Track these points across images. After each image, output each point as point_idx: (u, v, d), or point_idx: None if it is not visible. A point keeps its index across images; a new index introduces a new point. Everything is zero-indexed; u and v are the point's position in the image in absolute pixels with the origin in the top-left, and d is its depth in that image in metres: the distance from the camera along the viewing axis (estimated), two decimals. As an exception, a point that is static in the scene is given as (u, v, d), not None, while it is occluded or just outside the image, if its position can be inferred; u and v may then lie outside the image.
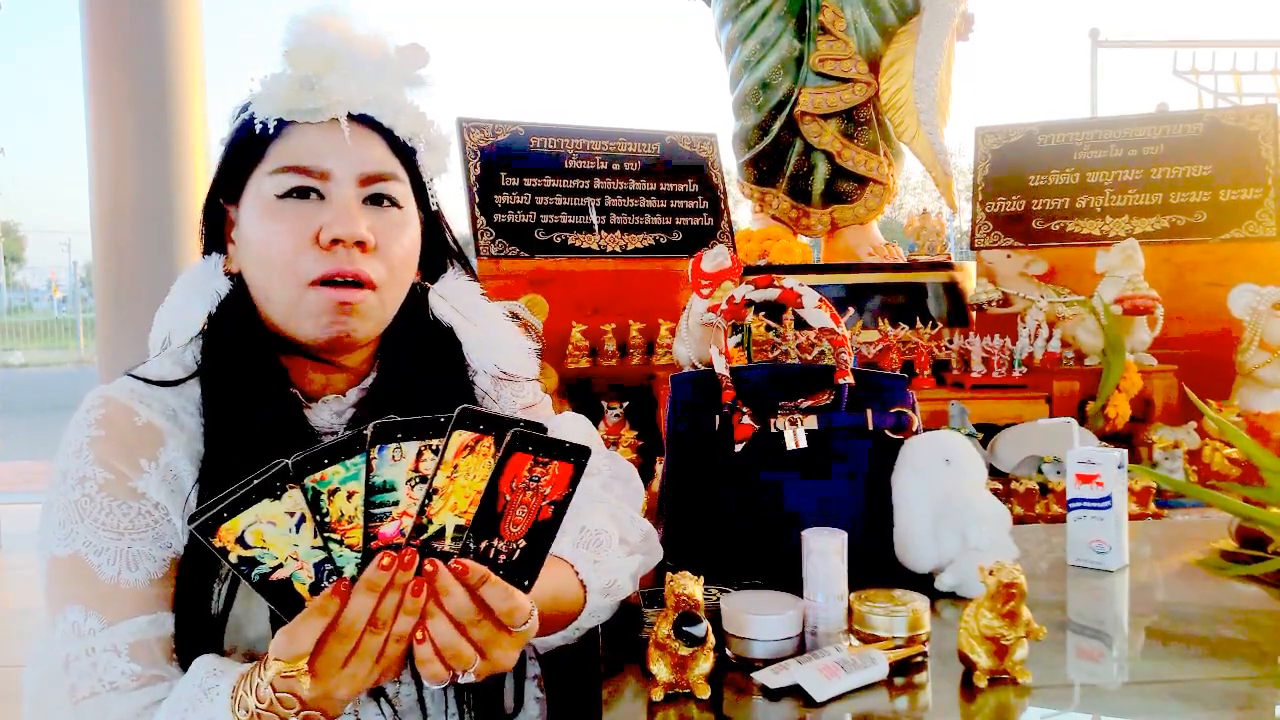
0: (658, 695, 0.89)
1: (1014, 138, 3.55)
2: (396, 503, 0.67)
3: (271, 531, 0.66)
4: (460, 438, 0.67)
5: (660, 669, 0.89)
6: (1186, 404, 2.50)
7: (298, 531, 0.67)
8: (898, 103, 3.51)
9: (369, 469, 0.66)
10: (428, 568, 0.68)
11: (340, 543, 0.67)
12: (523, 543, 0.70)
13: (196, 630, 0.81)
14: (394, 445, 0.67)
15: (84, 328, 18.42)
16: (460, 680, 0.71)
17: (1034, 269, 3.30)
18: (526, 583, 0.72)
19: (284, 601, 0.69)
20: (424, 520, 0.68)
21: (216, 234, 0.94)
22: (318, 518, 0.66)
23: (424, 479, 0.67)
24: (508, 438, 0.67)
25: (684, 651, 0.87)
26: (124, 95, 3.96)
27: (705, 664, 0.89)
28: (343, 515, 0.67)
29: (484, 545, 0.69)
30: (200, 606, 0.81)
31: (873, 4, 3.55)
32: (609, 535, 0.95)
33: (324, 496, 0.66)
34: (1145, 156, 3.35)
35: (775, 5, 3.59)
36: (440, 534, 0.68)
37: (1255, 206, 3.16)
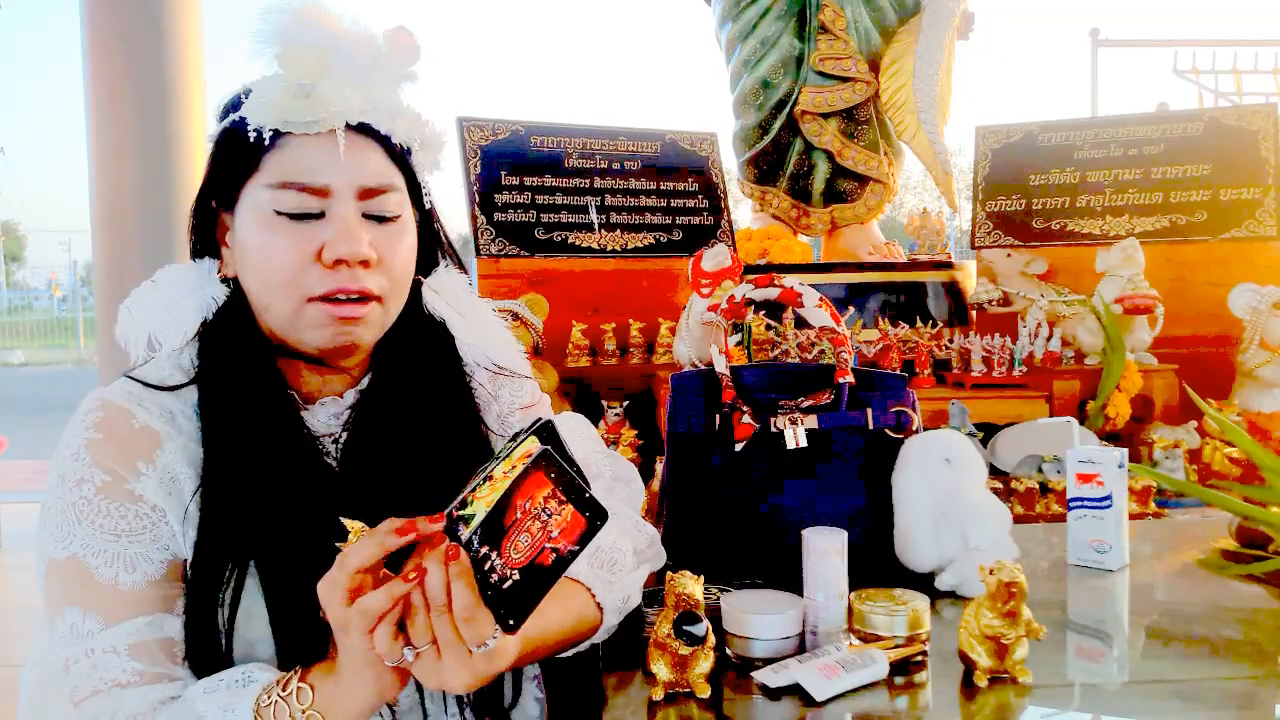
0: (658, 694, 0.89)
1: (1014, 137, 3.54)
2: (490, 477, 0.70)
3: (487, 491, 0.70)
4: (531, 444, 0.69)
5: (660, 668, 0.89)
6: (1187, 403, 2.51)
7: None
8: (898, 102, 3.51)
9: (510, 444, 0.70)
10: (431, 530, 0.69)
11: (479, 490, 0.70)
12: (516, 575, 0.68)
13: (204, 637, 0.81)
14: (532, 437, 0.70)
15: (84, 327, 18.42)
16: (401, 661, 0.70)
17: (1034, 268, 3.30)
18: (511, 621, 0.69)
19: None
20: (467, 498, 0.69)
21: (207, 237, 0.92)
22: (492, 464, 0.70)
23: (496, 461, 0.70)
24: (536, 454, 0.67)
25: (684, 651, 0.87)
26: (124, 95, 3.96)
27: (705, 663, 0.89)
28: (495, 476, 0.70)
29: (483, 552, 0.68)
30: (209, 617, 0.81)
31: (873, 3, 3.55)
32: (623, 553, 0.95)
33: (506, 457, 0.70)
34: (1145, 156, 3.35)
35: (776, 4, 3.59)
36: (468, 520, 0.68)
37: (1255, 206, 3.16)
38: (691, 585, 0.88)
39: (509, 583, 0.68)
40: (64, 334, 20.05)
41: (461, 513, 0.69)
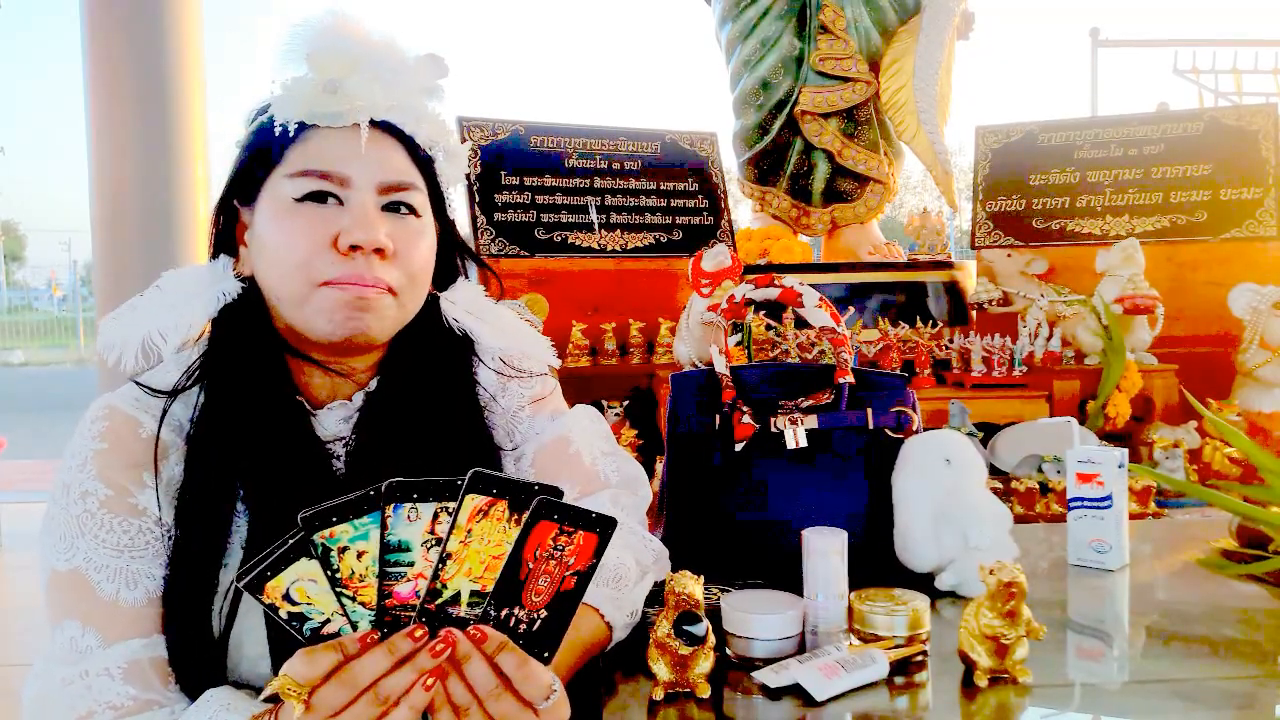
0: (658, 694, 0.89)
1: (1014, 137, 3.55)
2: (412, 563, 0.66)
3: (314, 588, 0.65)
4: (473, 502, 0.66)
5: (660, 668, 0.89)
6: (1187, 403, 2.51)
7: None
8: (898, 102, 3.51)
9: (384, 527, 0.65)
10: (441, 641, 0.65)
11: (353, 599, 0.66)
12: (544, 613, 0.68)
13: (198, 650, 0.80)
14: (409, 505, 0.65)
15: (84, 327, 18.44)
16: None
17: (1034, 268, 3.30)
18: (546, 654, 0.69)
19: None
20: (438, 585, 0.67)
21: (227, 237, 0.92)
22: (329, 573, 0.65)
23: (439, 541, 0.66)
24: (533, 506, 0.66)
25: (684, 651, 0.87)
26: (124, 95, 3.96)
27: (705, 663, 0.89)
28: (354, 573, 0.65)
29: (505, 613, 0.68)
30: (201, 626, 0.80)
31: (873, 3, 3.56)
32: (627, 567, 0.95)
33: (333, 553, 0.65)
34: (1145, 156, 3.36)
35: (776, 4, 3.60)
36: (455, 599, 0.67)
37: (1255, 206, 3.17)
38: (691, 585, 0.88)
39: (538, 623, 0.68)
40: (64, 334, 20.05)
41: (440, 600, 0.67)
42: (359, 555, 0.65)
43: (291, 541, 0.64)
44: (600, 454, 1.04)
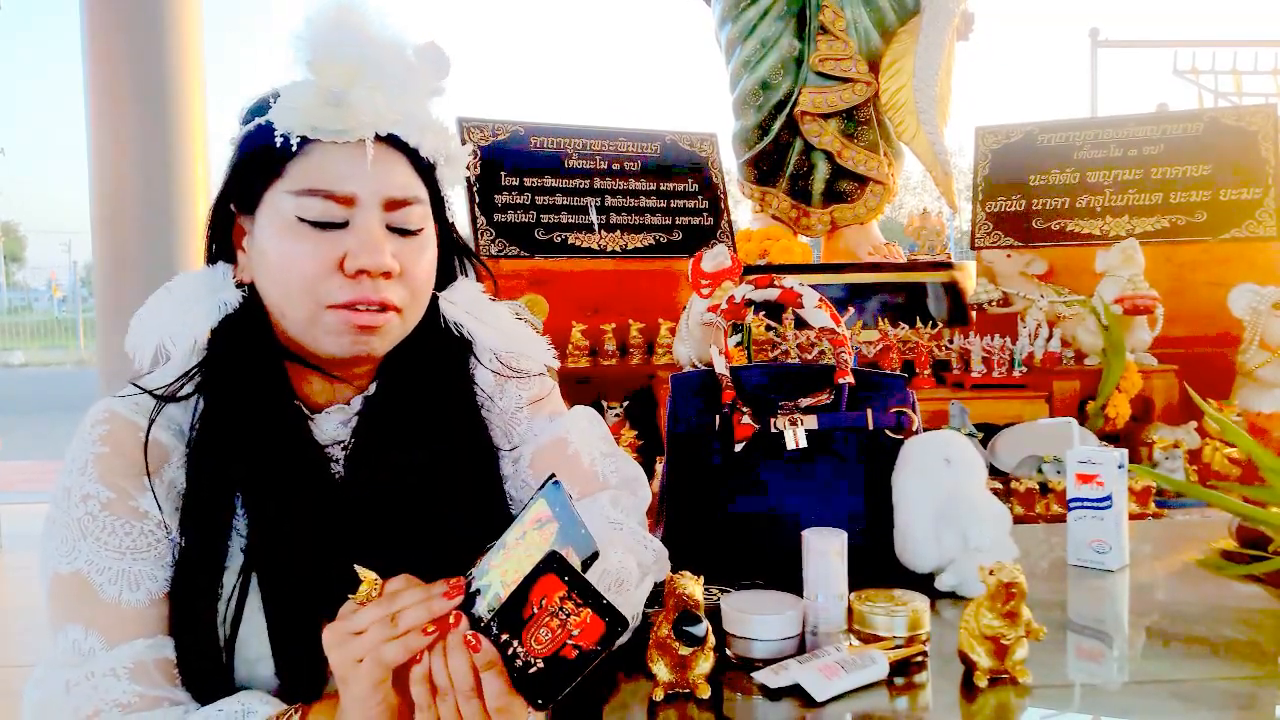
0: (658, 695, 0.89)
1: (1014, 137, 3.55)
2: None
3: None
4: (539, 508, 0.68)
5: (660, 669, 0.89)
6: (1187, 404, 2.51)
7: None
8: (898, 102, 3.51)
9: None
10: (451, 611, 0.68)
11: None
12: (540, 664, 0.68)
13: (202, 654, 0.80)
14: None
15: (84, 328, 18.44)
16: None
17: (1034, 268, 3.30)
18: (541, 701, 0.69)
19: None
20: (485, 565, 0.68)
21: (224, 242, 0.91)
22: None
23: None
24: (543, 556, 0.66)
25: (684, 651, 0.87)
26: (124, 95, 3.96)
27: (705, 664, 0.89)
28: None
29: (504, 638, 0.68)
30: (206, 629, 0.80)
31: (872, 4, 3.56)
32: (629, 571, 0.94)
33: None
34: (1145, 156, 3.35)
35: (775, 5, 3.60)
36: (484, 592, 0.68)
37: (1255, 206, 3.16)
38: (691, 585, 0.88)
39: (534, 669, 0.68)
40: (64, 335, 20.06)
41: (478, 583, 0.69)
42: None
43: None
44: (599, 455, 1.04)
